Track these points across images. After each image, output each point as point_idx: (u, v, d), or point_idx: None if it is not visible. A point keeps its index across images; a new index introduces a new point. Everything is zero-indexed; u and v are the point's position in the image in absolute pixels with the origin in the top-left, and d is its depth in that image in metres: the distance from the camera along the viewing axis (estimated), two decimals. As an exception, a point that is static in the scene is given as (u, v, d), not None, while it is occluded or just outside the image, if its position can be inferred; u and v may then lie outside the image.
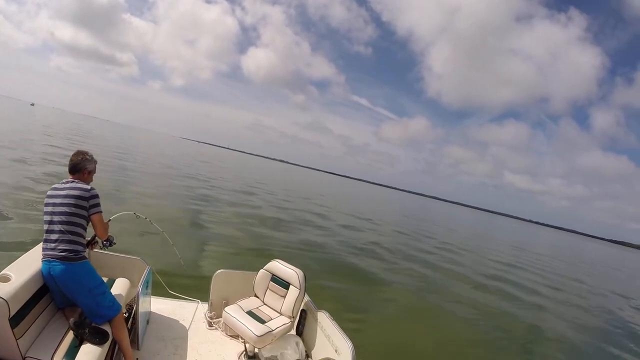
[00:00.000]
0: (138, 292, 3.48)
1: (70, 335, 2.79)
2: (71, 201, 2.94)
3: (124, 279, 4.05)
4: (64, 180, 3.09)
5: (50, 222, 2.91)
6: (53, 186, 3.06)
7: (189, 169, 35.32)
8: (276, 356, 3.69)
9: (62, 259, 2.84)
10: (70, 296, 2.93)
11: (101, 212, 3.10)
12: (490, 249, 29.47)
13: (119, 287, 3.82)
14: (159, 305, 4.39)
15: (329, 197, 44.45)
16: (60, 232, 2.88)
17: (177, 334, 3.98)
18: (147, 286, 3.85)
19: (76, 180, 3.09)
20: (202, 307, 4.54)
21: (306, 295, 4.09)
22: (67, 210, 2.92)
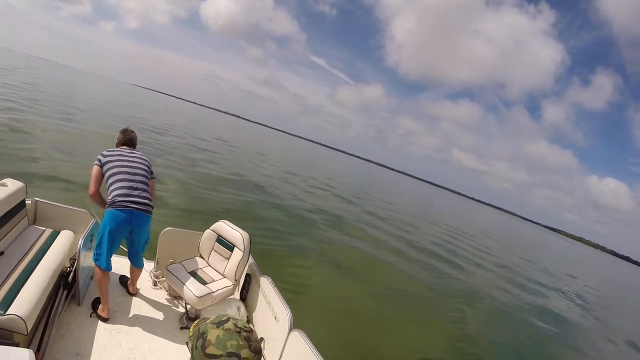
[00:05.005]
0: (80, 246, 3.36)
1: (13, 279, 2.79)
2: (145, 168, 3.65)
3: (69, 231, 3.92)
4: (125, 149, 3.73)
5: (133, 180, 3.47)
6: (117, 151, 3.64)
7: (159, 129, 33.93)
8: (216, 319, 3.67)
9: (146, 212, 3.47)
10: (134, 239, 3.60)
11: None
12: (431, 220, 30.70)
13: (62, 240, 3.70)
14: None
15: (281, 157, 44.29)
16: (144, 190, 3.52)
17: (120, 292, 3.90)
18: (91, 239, 3.70)
19: (138, 152, 3.79)
20: (149, 266, 4.42)
21: (251, 258, 4.08)
22: (146, 174, 3.64)
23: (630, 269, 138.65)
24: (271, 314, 3.46)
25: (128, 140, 3.85)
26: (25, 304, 2.56)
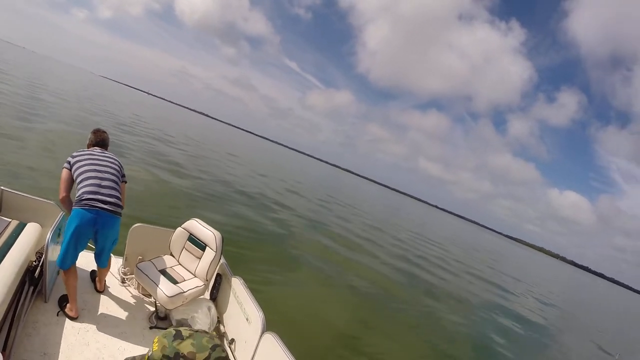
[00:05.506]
0: (48, 240, 3.22)
1: None
2: (116, 169, 3.57)
3: (35, 223, 3.77)
4: (97, 149, 3.67)
5: (101, 179, 3.37)
6: (87, 151, 3.58)
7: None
8: (187, 319, 3.62)
9: (114, 212, 3.34)
10: (99, 240, 3.41)
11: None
12: (395, 225, 31.06)
13: (29, 233, 3.55)
14: None
15: (251, 159, 44.00)
16: (113, 189, 3.42)
17: (88, 288, 3.78)
18: (58, 234, 3.55)
19: (110, 153, 3.72)
20: (117, 262, 4.29)
21: (223, 258, 4.02)
22: (117, 175, 3.54)
23: (589, 278, 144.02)
24: (243, 315, 3.41)
25: (100, 141, 3.80)
26: None
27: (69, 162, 3.43)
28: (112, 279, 4.11)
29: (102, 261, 3.62)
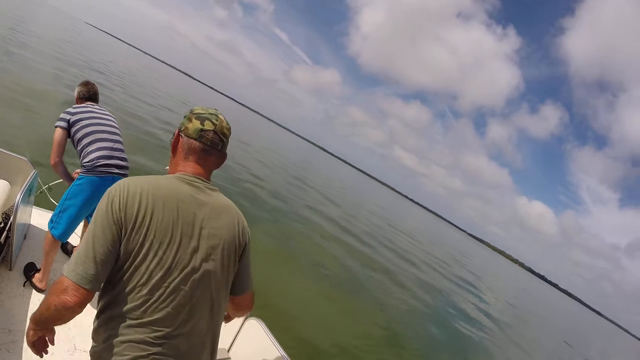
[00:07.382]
0: (18, 200, 2.79)
1: None
2: (118, 126, 3.19)
3: (3, 181, 3.32)
4: (93, 104, 3.21)
5: (113, 141, 3.03)
6: (88, 107, 3.11)
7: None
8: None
9: (126, 176, 2.94)
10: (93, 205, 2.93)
11: None
12: (366, 210, 31.29)
13: None
14: (40, 220, 3.63)
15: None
16: (123, 151, 3.09)
17: (59, 257, 3.35)
18: (29, 194, 3.19)
19: (106, 109, 3.27)
20: None
21: None
22: (120, 134, 3.16)
23: (542, 285, 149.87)
24: None
25: (93, 94, 3.32)
26: None
27: (66, 120, 2.97)
28: None
29: None
